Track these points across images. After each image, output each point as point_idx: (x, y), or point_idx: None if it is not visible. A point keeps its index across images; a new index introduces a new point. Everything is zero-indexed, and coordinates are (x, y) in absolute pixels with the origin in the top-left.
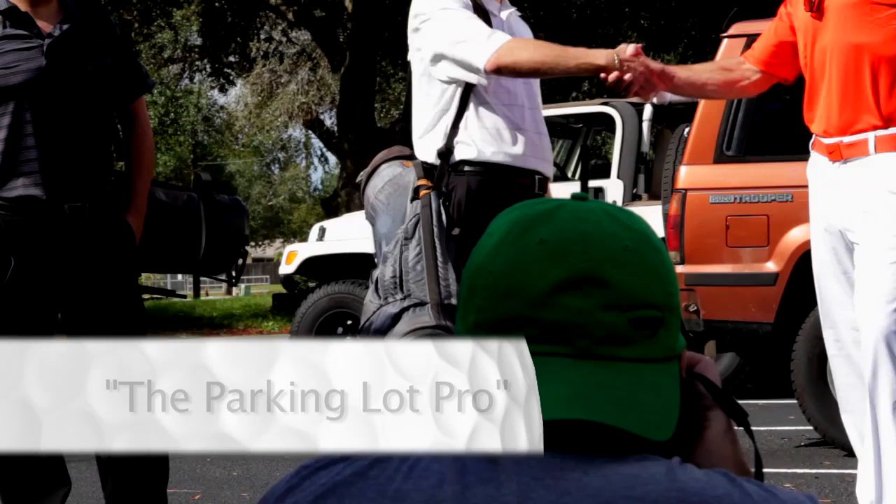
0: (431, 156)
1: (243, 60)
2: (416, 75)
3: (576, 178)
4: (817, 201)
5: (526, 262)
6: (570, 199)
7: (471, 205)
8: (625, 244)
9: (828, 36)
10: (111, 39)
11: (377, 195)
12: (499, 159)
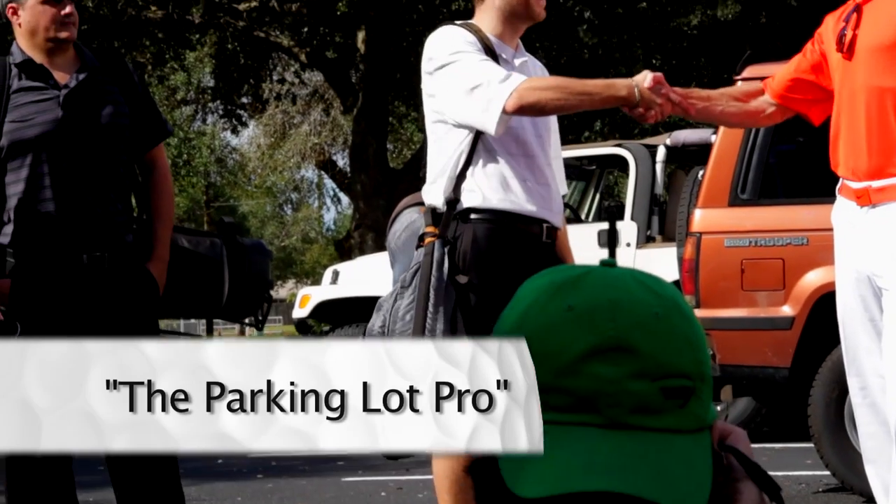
0: (440, 202)
1: (256, 102)
2: (428, 122)
3: (590, 220)
4: (844, 246)
5: (553, 329)
6: (597, 266)
7: (476, 252)
8: (654, 311)
9: (858, 78)
10: (129, 87)
11: (396, 241)
12: (505, 206)
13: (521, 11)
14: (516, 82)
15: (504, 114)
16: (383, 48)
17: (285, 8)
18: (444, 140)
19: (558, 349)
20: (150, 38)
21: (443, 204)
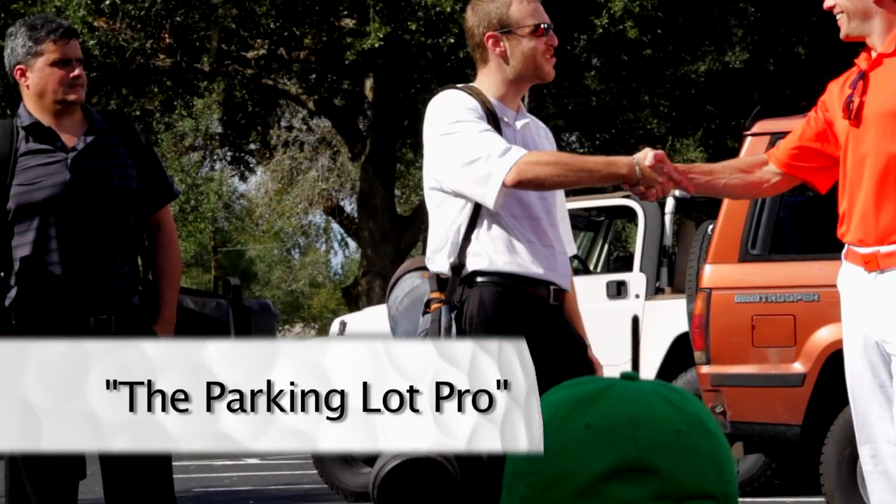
0: (445, 268)
1: (264, 148)
2: (427, 187)
3: (598, 271)
4: (852, 312)
5: (572, 448)
6: (618, 379)
7: (483, 315)
8: (676, 429)
9: (866, 144)
10: (136, 149)
11: (397, 307)
12: (512, 269)
13: (530, 73)
14: (516, 156)
15: (503, 188)
16: (391, 95)
17: (293, 56)
18: (445, 206)
19: (577, 469)
20: (159, 85)
21: (448, 269)
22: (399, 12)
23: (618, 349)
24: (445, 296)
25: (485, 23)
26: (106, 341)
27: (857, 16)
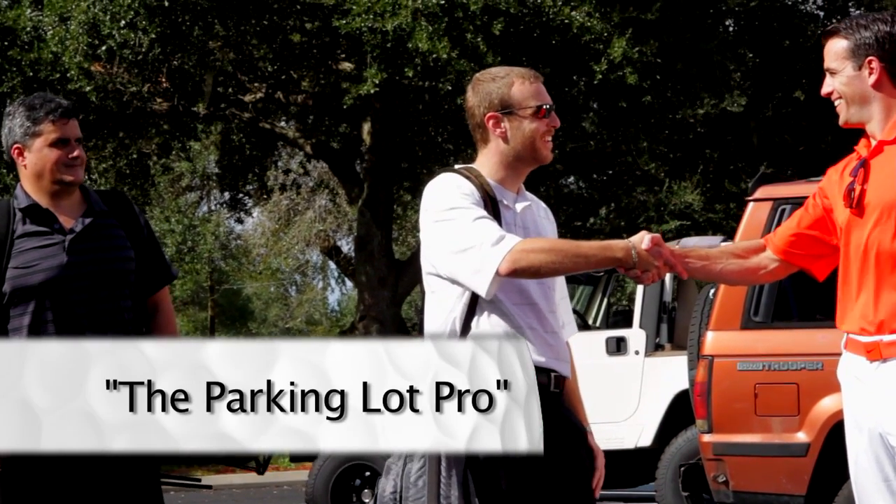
0: None
1: (261, 190)
2: (424, 273)
3: (597, 326)
4: (854, 403)
5: None
6: None
7: None
8: None
9: (867, 233)
10: (135, 230)
11: None
12: None
13: (528, 156)
14: (510, 244)
15: (497, 277)
16: (389, 140)
17: (291, 99)
18: (442, 292)
19: None
20: (156, 128)
21: None
22: (396, 58)
23: (617, 406)
24: None
25: (486, 103)
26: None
27: (855, 102)
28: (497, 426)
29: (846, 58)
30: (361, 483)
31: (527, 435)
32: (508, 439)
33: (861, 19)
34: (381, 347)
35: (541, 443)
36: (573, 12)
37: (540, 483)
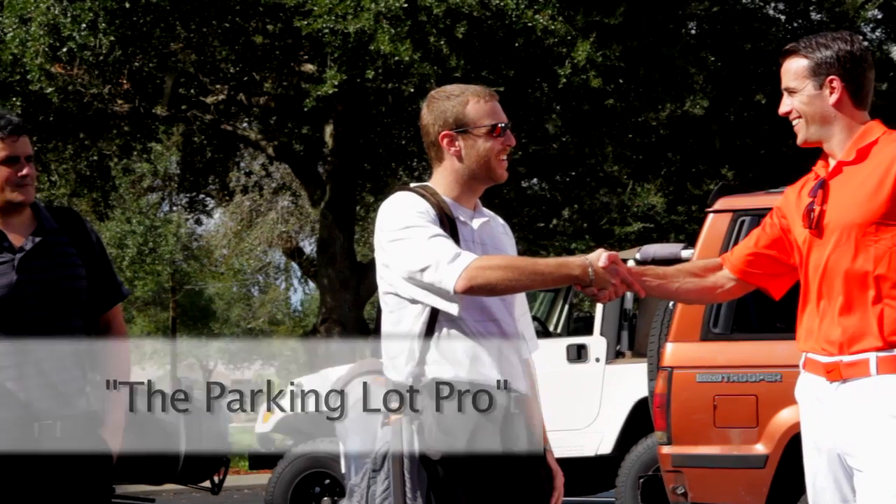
0: (402, 376)
1: (223, 192)
2: (382, 292)
3: (558, 333)
4: (812, 423)
5: None
6: None
7: (444, 426)
8: None
9: (827, 254)
10: (87, 248)
11: (348, 412)
12: (472, 377)
13: (483, 175)
14: (465, 262)
15: (455, 294)
16: (351, 142)
17: (253, 101)
18: (401, 311)
19: None
20: (117, 130)
21: (406, 378)
22: (357, 60)
23: (578, 414)
24: (405, 406)
25: (440, 121)
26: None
27: (815, 121)
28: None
29: (806, 77)
30: (321, 490)
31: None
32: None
33: (821, 38)
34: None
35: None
36: (536, 15)
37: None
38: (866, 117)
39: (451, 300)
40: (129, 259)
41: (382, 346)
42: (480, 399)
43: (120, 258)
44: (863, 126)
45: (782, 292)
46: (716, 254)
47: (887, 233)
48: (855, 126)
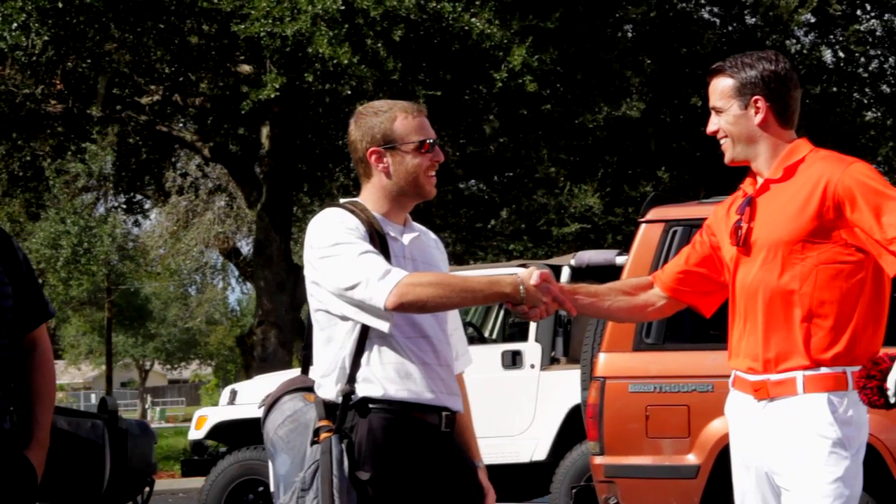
0: (333, 394)
1: (158, 192)
2: (312, 310)
3: (493, 339)
4: (741, 442)
5: None
6: None
7: (373, 445)
8: None
9: (754, 272)
10: (13, 266)
11: (276, 430)
12: (402, 396)
13: (411, 191)
14: (396, 279)
15: (385, 311)
16: (288, 143)
17: (188, 102)
18: (332, 328)
19: None
20: (50, 130)
21: (337, 396)
22: (295, 63)
23: (513, 420)
24: (335, 424)
25: (368, 137)
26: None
27: (741, 140)
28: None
29: (732, 96)
30: (255, 497)
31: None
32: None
33: (746, 58)
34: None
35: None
36: (473, 19)
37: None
38: (793, 136)
39: (382, 317)
40: (63, 259)
41: (314, 364)
42: (411, 417)
43: (54, 259)
44: (789, 144)
45: (713, 309)
46: (648, 263)
47: (813, 251)
48: (781, 145)
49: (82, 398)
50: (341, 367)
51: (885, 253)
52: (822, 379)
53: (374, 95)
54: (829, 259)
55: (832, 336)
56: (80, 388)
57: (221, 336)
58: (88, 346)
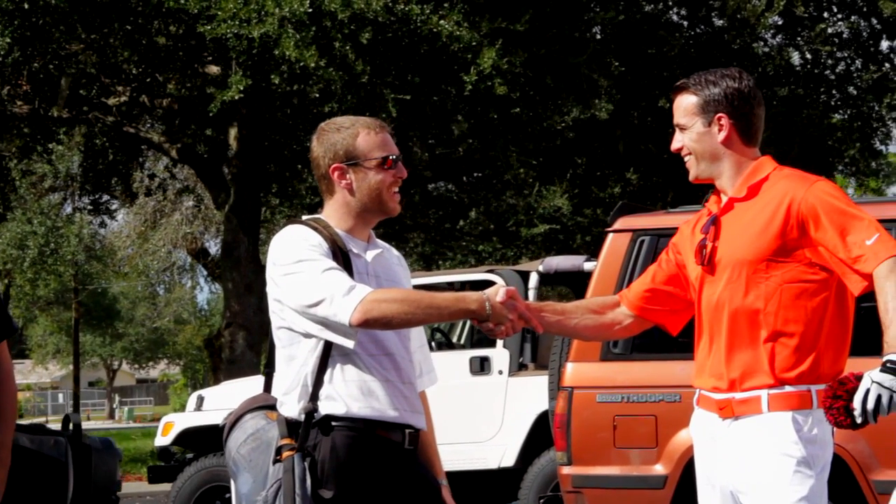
0: (296, 412)
1: (126, 193)
2: (274, 327)
3: (462, 344)
4: (706, 461)
5: None
6: None
7: (336, 463)
8: None
9: (719, 291)
10: None
11: (238, 449)
12: (366, 414)
13: (375, 208)
14: (360, 295)
15: (350, 328)
16: (256, 145)
17: (156, 103)
18: (295, 346)
19: None
20: (16, 131)
21: (299, 414)
22: (262, 65)
23: (481, 426)
24: (297, 442)
25: (330, 154)
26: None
27: (705, 158)
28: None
29: (696, 114)
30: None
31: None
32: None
33: (710, 75)
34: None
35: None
36: (442, 21)
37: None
38: (757, 153)
39: (347, 334)
40: (29, 260)
41: (277, 381)
42: (374, 435)
43: (21, 259)
44: (753, 162)
45: (680, 328)
46: (616, 272)
47: (778, 270)
48: (745, 162)
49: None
50: (304, 385)
51: (850, 272)
52: (787, 397)
53: (342, 98)
54: (794, 278)
55: (797, 355)
56: (47, 388)
57: (190, 335)
58: (56, 346)
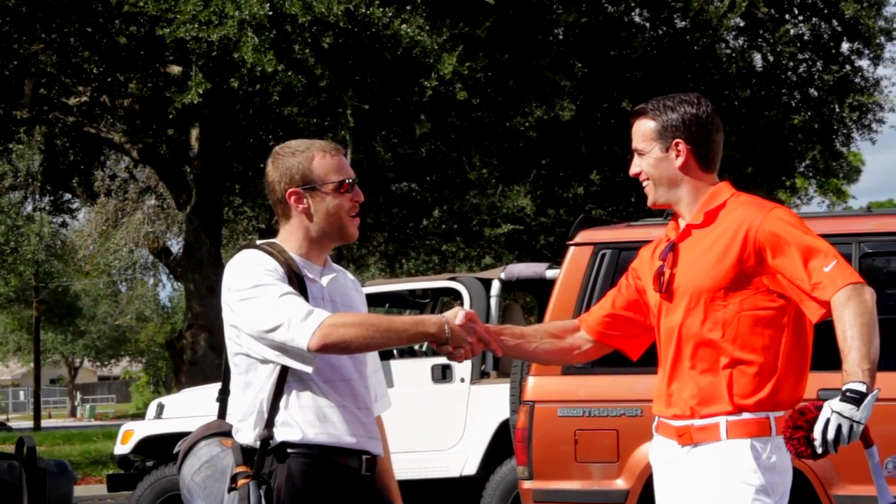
0: (251, 439)
1: (86, 194)
2: (231, 353)
3: (423, 352)
4: (665, 487)
5: None
6: None
7: (292, 490)
8: None
9: (677, 319)
10: None
11: (193, 476)
12: (322, 440)
13: (333, 233)
14: (319, 319)
15: (308, 353)
16: (218, 146)
17: (117, 103)
18: (250, 373)
19: None
20: None
21: (255, 440)
22: (221, 68)
23: (443, 434)
24: (253, 470)
25: (286, 178)
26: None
27: (663, 183)
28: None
29: (653, 139)
30: None
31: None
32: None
33: (668, 100)
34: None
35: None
36: (403, 25)
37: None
38: (715, 179)
39: (305, 359)
40: None
41: (230, 408)
42: (331, 461)
43: None
44: (711, 188)
45: (640, 352)
46: (578, 285)
47: (735, 297)
48: (703, 188)
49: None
50: (259, 412)
51: (808, 299)
52: (745, 424)
53: (303, 100)
54: (752, 306)
55: (755, 382)
56: (7, 386)
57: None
58: (17, 343)
